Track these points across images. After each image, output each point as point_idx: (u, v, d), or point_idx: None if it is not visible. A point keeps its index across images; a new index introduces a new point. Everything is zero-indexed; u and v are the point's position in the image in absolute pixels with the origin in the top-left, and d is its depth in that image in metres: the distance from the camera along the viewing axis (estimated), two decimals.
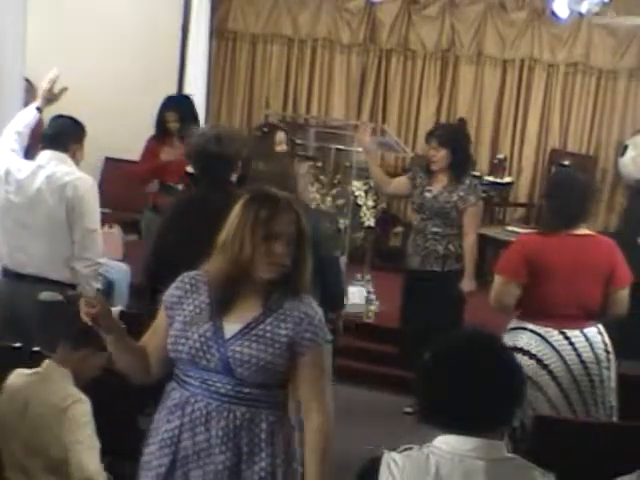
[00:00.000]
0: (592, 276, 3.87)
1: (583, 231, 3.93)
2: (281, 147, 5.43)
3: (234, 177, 3.87)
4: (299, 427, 2.66)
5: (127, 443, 3.35)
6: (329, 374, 2.69)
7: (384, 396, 5.52)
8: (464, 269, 5.22)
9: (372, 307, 6.46)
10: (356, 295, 6.45)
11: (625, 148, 7.89)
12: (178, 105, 5.89)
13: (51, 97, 4.33)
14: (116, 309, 4.22)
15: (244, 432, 2.53)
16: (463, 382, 2.02)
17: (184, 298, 2.61)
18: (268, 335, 2.52)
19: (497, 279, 3.96)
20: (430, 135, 5.49)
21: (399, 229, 8.38)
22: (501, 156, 8.45)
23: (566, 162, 8.08)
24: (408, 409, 5.10)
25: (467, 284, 5.22)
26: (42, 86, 4.32)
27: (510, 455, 2.08)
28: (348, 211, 7.13)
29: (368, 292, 6.52)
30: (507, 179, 8.36)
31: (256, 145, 5.66)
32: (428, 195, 5.25)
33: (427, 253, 5.27)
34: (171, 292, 2.66)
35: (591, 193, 4.08)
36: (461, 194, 5.18)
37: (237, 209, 2.57)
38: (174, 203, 4.33)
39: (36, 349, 3.50)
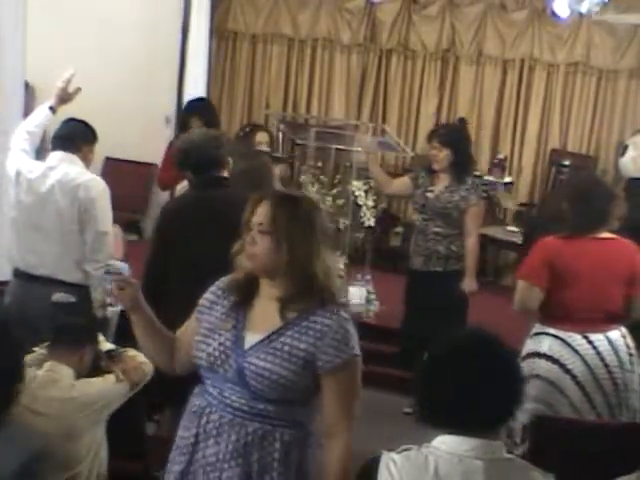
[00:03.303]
0: (614, 279, 3.87)
1: (605, 234, 3.93)
2: (261, 148, 5.41)
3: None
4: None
5: (132, 446, 3.39)
6: (359, 395, 2.48)
7: (384, 396, 5.49)
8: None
9: (372, 307, 6.45)
10: (356, 295, 6.44)
11: (625, 148, 7.89)
12: (203, 110, 5.74)
13: (65, 97, 4.29)
14: (116, 309, 4.22)
15: (255, 449, 2.40)
16: (463, 382, 2.02)
17: (214, 304, 2.55)
18: (286, 349, 2.39)
19: (520, 284, 3.95)
20: (432, 135, 5.47)
21: (399, 229, 8.38)
22: (501, 156, 8.44)
23: (566, 162, 8.08)
24: (408, 409, 5.09)
25: (468, 284, 5.21)
26: (57, 85, 4.28)
27: (509, 455, 2.09)
28: (348, 211, 7.12)
29: (368, 292, 6.50)
30: (507, 179, 8.36)
31: (235, 145, 5.67)
32: (430, 195, 5.25)
33: (429, 253, 5.26)
34: (206, 295, 2.60)
35: (614, 197, 4.08)
36: (463, 194, 5.18)
37: None
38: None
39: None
